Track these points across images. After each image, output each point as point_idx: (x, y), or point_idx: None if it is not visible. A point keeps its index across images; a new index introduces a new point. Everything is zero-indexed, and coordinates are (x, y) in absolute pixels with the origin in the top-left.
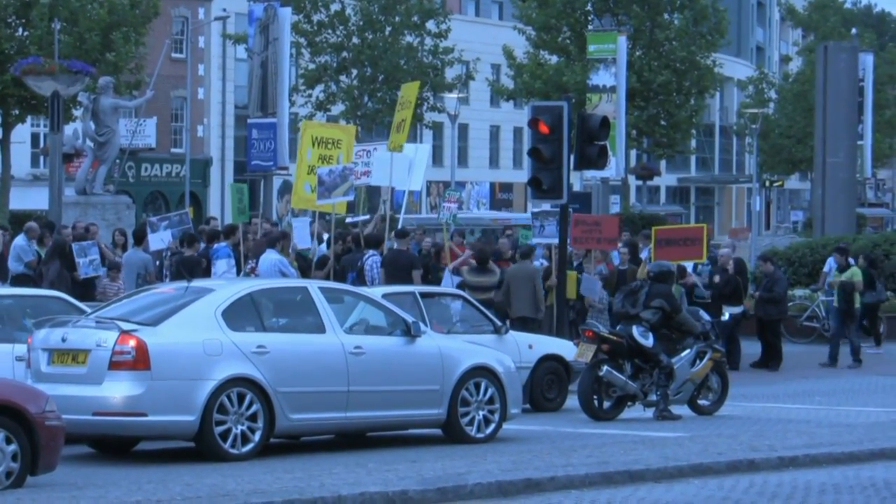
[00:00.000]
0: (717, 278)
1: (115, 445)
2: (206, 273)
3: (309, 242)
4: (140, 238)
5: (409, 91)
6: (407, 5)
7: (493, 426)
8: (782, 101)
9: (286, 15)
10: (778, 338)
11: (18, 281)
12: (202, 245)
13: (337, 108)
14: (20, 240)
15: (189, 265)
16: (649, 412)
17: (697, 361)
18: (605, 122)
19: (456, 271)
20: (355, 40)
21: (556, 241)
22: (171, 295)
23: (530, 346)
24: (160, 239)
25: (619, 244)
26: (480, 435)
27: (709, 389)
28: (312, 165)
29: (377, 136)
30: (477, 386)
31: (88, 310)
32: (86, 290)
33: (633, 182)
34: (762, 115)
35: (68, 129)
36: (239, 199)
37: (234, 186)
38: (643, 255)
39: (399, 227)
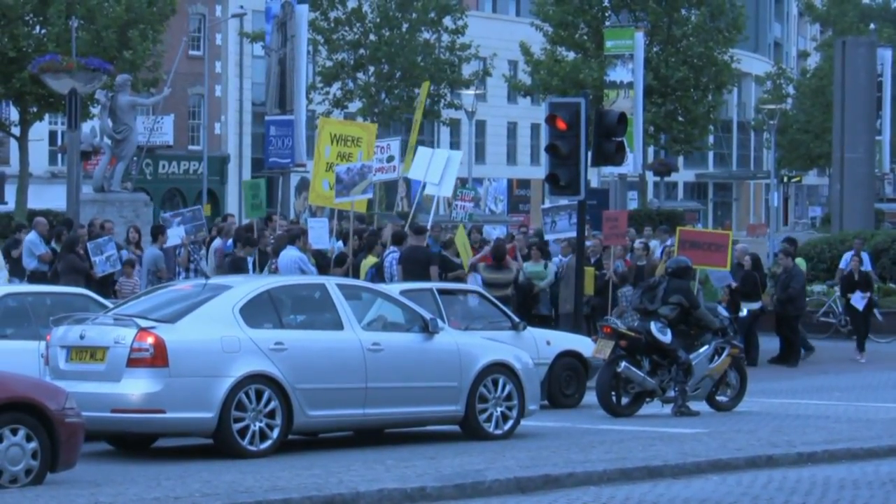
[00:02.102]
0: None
1: (133, 442)
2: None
3: (326, 243)
4: (156, 235)
5: (423, 91)
6: (423, 2)
7: (511, 423)
8: (800, 96)
9: (303, 12)
10: (796, 333)
11: (34, 278)
12: (223, 242)
13: (354, 105)
14: (31, 235)
15: (239, 265)
16: (667, 408)
17: (716, 357)
18: (622, 118)
19: (473, 268)
20: (372, 37)
21: (567, 235)
22: (188, 292)
23: (548, 343)
24: (174, 235)
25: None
26: (498, 431)
27: (727, 385)
28: (331, 163)
29: (394, 132)
30: (495, 382)
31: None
32: (101, 287)
33: (650, 178)
34: (780, 111)
35: (86, 127)
36: (254, 194)
37: (248, 183)
38: (657, 252)
39: (430, 225)
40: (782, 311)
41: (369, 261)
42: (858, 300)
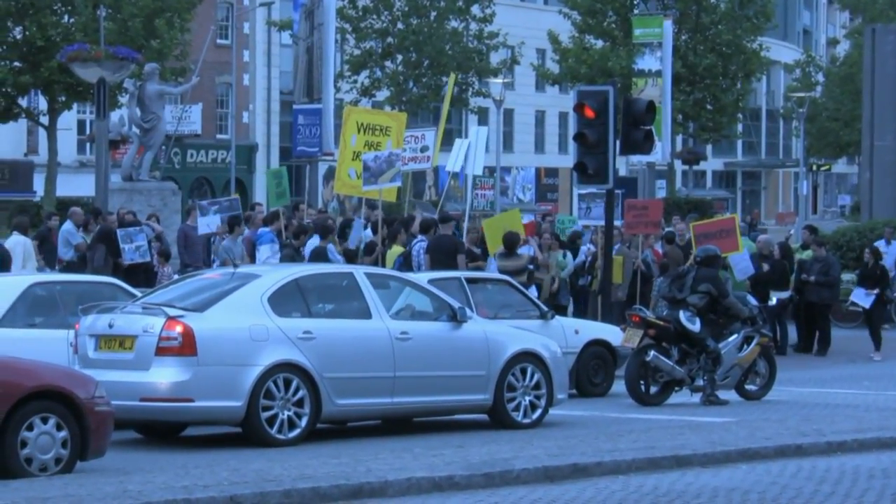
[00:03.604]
0: (765, 266)
1: (162, 431)
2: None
3: (353, 244)
4: (233, 226)
5: (450, 83)
6: None
7: (539, 411)
8: (829, 84)
9: (331, 0)
10: (828, 322)
11: (70, 268)
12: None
13: (382, 94)
14: (67, 225)
15: (324, 256)
16: (696, 397)
17: (745, 346)
18: (650, 107)
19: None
20: (400, 25)
21: (600, 222)
22: (217, 281)
23: (576, 332)
24: (207, 224)
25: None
26: (527, 420)
27: (756, 374)
28: (357, 151)
29: (422, 121)
30: (523, 371)
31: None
32: (130, 276)
33: (678, 167)
34: (809, 99)
35: (114, 116)
36: (277, 183)
37: (270, 172)
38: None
39: (468, 215)
40: (817, 297)
41: (396, 250)
42: (862, 297)
